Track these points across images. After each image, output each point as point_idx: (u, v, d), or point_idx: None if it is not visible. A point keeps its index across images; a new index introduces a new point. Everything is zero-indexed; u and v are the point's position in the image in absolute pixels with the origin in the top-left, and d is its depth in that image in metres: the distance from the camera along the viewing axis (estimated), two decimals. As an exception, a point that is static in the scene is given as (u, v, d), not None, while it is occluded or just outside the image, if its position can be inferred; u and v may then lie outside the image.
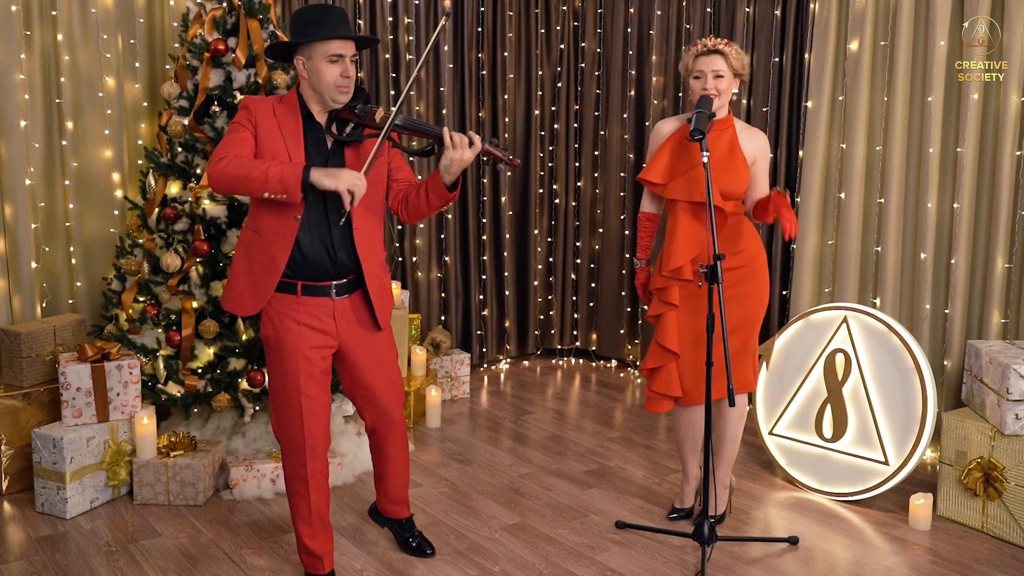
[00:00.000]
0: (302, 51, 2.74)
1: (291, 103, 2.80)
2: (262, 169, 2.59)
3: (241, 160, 2.63)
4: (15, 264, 3.96)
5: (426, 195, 2.82)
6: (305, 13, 2.73)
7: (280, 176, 2.57)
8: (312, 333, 2.81)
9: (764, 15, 4.70)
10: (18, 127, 3.90)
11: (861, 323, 3.67)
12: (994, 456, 3.36)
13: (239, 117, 2.77)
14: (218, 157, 2.64)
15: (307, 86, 2.78)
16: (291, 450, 2.85)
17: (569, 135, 5.79)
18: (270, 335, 2.83)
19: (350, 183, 2.58)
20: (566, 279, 5.92)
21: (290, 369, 2.79)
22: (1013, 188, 3.84)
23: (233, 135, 2.73)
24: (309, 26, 2.71)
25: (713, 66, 3.15)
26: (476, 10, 5.36)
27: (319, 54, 2.71)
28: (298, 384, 2.79)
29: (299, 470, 2.85)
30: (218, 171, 2.62)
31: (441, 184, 2.76)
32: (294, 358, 2.79)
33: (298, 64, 2.76)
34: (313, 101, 2.79)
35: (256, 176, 2.58)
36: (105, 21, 4.14)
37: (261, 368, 3.75)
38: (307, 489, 2.86)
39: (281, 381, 2.82)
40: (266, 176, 2.58)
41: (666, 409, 3.35)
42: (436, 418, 4.56)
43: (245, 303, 2.82)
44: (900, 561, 3.21)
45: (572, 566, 3.14)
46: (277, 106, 2.79)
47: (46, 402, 3.69)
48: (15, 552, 3.19)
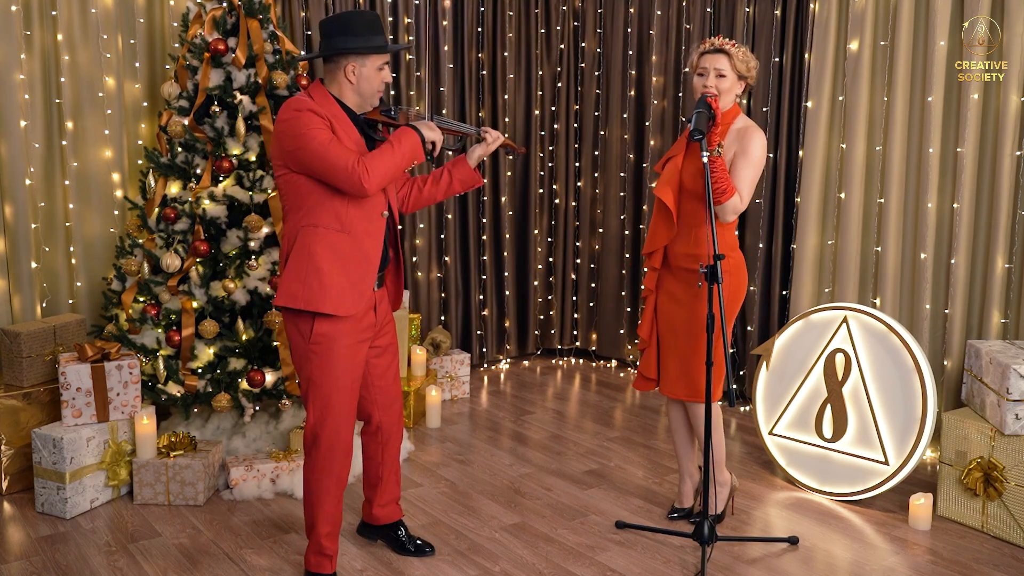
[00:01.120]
0: (356, 58, 2.77)
1: (328, 101, 2.78)
2: (391, 155, 2.72)
3: (371, 158, 2.70)
4: (15, 264, 3.96)
5: (448, 182, 3.06)
6: (352, 18, 2.76)
7: (411, 149, 2.76)
8: (361, 329, 2.85)
9: (764, 15, 4.70)
10: (18, 127, 3.90)
11: (861, 323, 3.67)
12: (994, 456, 3.36)
13: (313, 123, 2.68)
14: (349, 165, 2.64)
15: (350, 90, 2.81)
16: (331, 448, 2.85)
17: (569, 135, 5.79)
18: (326, 331, 2.77)
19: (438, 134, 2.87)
20: (566, 279, 5.92)
21: (345, 367, 2.80)
22: (1013, 188, 3.84)
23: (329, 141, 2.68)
24: (362, 33, 2.76)
25: (716, 64, 3.15)
26: (476, 10, 5.36)
27: (373, 63, 2.79)
28: (350, 382, 2.83)
29: (335, 468, 2.87)
30: (371, 180, 2.67)
31: (471, 171, 3.06)
32: (348, 355, 2.81)
33: (348, 69, 2.77)
34: (350, 103, 2.84)
35: (395, 163, 2.73)
36: (105, 21, 4.14)
37: (261, 368, 3.75)
38: (338, 488, 2.90)
39: (332, 379, 2.80)
40: (402, 157, 2.74)
41: (646, 389, 3.45)
42: (436, 418, 4.56)
43: (347, 302, 2.77)
44: (900, 561, 3.21)
45: (572, 566, 3.14)
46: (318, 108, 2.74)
47: (46, 402, 3.69)
48: (15, 552, 3.19)
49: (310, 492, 2.90)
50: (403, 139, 2.75)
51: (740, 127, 3.21)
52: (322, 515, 2.90)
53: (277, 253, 3.80)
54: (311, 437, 2.86)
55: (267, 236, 3.80)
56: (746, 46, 3.32)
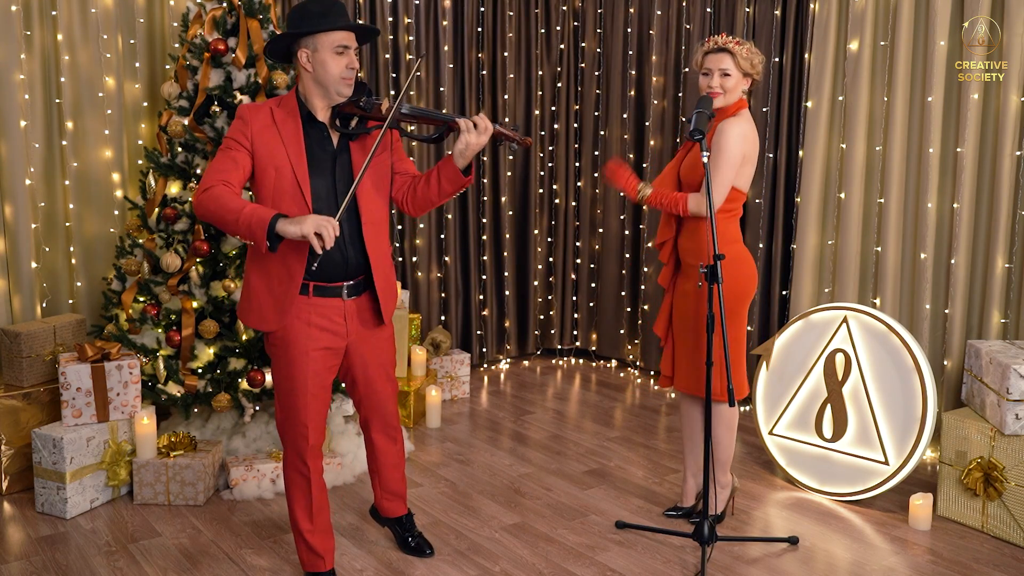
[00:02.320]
0: (306, 44, 2.69)
1: (290, 106, 2.76)
2: (235, 213, 2.55)
3: (222, 197, 2.58)
4: (15, 264, 3.96)
5: (437, 182, 2.82)
6: (307, 6, 2.69)
7: (249, 223, 2.53)
8: (322, 334, 2.80)
9: (764, 15, 4.70)
10: (18, 127, 3.90)
11: (861, 323, 3.67)
12: (994, 456, 3.36)
13: (234, 132, 2.70)
14: (204, 186, 2.62)
15: (310, 81, 2.73)
16: (295, 448, 2.85)
17: (569, 135, 5.79)
18: (278, 338, 2.80)
19: (315, 226, 2.49)
20: (566, 279, 5.92)
21: (298, 370, 2.79)
22: (1013, 188, 3.84)
23: (224, 156, 2.67)
24: (313, 18, 2.67)
25: (721, 64, 3.15)
26: (476, 10, 5.36)
27: (325, 45, 2.68)
28: (305, 384, 2.80)
29: (301, 467, 2.87)
30: (199, 203, 2.61)
31: (455, 169, 2.77)
32: (303, 359, 2.78)
33: (302, 57, 2.71)
34: (316, 97, 2.75)
35: (230, 219, 2.56)
36: (105, 21, 4.14)
37: (261, 368, 3.75)
38: (309, 485, 2.88)
39: (289, 381, 2.81)
40: (237, 220, 2.54)
41: (667, 386, 3.45)
42: (436, 418, 4.56)
43: (267, 319, 2.78)
44: (900, 561, 3.21)
45: (572, 566, 3.14)
46: (276, 110, 2.74)
47: (46, 402, 3.69)
48: (15, 552, 3.19)
49: (286, 488, 2.94)
50: (252, 218, 2.53)
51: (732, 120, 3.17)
52: (299, 513, 2.90)
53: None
54: (279, 434, 2.90)
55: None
56: (751, 42, 3.32)
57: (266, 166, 2.70)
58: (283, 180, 2.70)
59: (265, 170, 2.70)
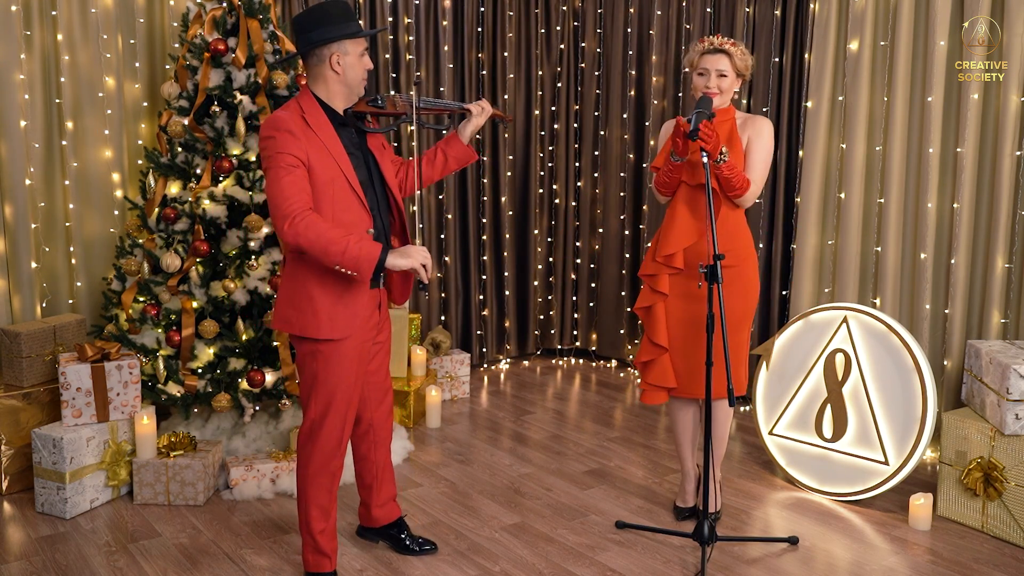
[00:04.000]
0: (338, 47, 2.72)
1: (315, 109, 2.74)
2: (340, 245, 2.56)
3: (318, 226, 2.57)
4: (15, 264, 3.96)
5: (443, 161, 3.01)
6: (328, 9, 2.71)
7: (356, 257, 2.57)
8: (367, 328, 2.84)
9: (764, 15, 4.70)
10: (18, 127, 3.90)
11: (861, 323, 3.67)
12: (994, 456, 3.36)
13: (287, 146, 2.62)
14: (290, 213, 2.57)
15: (338, 83, 2.76)
16: (328, 445, 2.85)
17: (569, 135, 5.79)
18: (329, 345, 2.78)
19: (423, 258, 2.66)
20: (566, 279, 5.92)
21: (351, 366, 2.80)
22: (1013, 188, 3.84)
23: (290, 177, 2.61)
24: (339, 21, 2.70)
25: (718, 65, 3.17)
26: (476, 10, 5.36)
27: (355, 49, 2.76)
28: (355, 379, 2.83)
29: (330, 465, 2.88)
30: (296, 234, 2.57)
31: (465, 149, 3.01)
32: (355, 356, 2.81)
33: (332, 60, 2.72)
34: (339, 98, 2.79)
35: (333, 251, 2.57)
36: (105, 21, 4.14)
37: (261, 368, 3.75)
38: (332, 483, 2.90)
39: (338, 377, 2.79)
40: (343, 253, 2.56)
41: (661, 401, 3.38)
42: (436, 418, 4.56)
43: (339, 326, 2.74)
44: (900, 561, 3.21)
45: (572, 566, 3.14)
46: (307, 117, 2.71)
47: (46, 402, 3.69)
48: (15, 552, 3.19)
49: (304, 488, 2.90)
50: (360, 251, 2.57)
51: (746, 118, 3.27)
52: (315, 512, 2.89)
53: (277, 253, 3.80)
54: (308, 432, 2.86)
55: (267, 236, 3.80)
56: (743, 43, 3.35)
57: (320, 179, 2.69)
58: (338, 189, 2.72)
59: (323, 181, 2.69)
